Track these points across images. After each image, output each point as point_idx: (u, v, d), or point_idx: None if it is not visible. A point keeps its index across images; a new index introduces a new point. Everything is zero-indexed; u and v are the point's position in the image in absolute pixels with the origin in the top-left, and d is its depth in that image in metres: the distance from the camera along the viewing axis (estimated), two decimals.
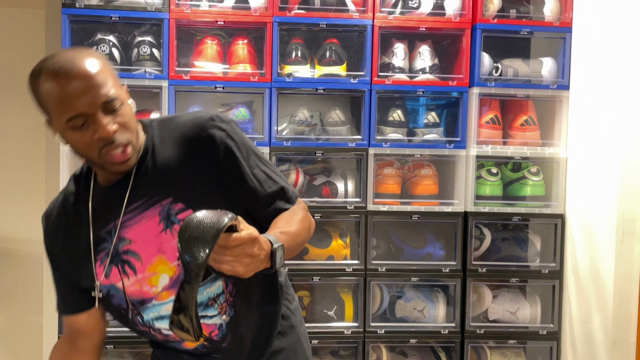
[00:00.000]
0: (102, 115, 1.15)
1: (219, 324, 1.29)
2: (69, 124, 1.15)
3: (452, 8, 2.39)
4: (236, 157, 1.26)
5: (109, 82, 1.17)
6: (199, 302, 1.25)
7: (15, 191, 3.14)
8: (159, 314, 1.29)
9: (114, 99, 1.17)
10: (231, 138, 1.27)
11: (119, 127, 1.18)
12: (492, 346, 2.44)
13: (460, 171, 2.40)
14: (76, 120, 1.15)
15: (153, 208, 1.26)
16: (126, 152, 1.20)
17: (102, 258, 1.29)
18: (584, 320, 2.28)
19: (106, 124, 1.15)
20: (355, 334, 2.37)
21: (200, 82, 2.32)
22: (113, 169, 1.23)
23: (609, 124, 2.16)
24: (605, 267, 2.15)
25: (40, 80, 1.16)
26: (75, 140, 1.18)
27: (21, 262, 3.16)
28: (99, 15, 2.29)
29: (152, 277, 1.27)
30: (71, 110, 1.14)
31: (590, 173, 2.27)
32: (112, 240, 1.27)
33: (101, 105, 1.15)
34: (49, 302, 2.54)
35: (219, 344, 1.31)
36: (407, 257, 2.44)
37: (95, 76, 1.15)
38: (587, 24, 2.32)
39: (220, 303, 1.28)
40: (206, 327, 1.28)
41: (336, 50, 2.37)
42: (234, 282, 1.29)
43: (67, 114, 1.14)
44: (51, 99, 1.15)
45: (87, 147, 1.19)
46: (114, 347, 2.29)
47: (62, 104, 1.14)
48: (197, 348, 1.32)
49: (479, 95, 2.37)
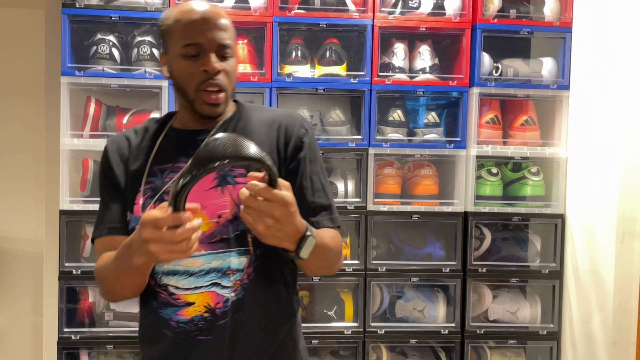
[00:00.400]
0: (213, 55, 1.29)
1: (227, 297, 1.29)
2: (183, 49, 1.28)
3: (452, 8, 2.39)
4: (304, 154, 1.35)
5: (231, 35, 1.32)
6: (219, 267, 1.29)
7: (16, 191, 3.14)
8: (173, 269, 1.30)
9: (229, 48, 1.31)
10: (309, 138, 1.37)
11: (223, 70, 1.30)
12: (492, 346, 2.44)
13: (460, 171, 2.40)
14: (191, 49, 1.28)
15: None
16: (219, 96, 1.30)
17: (146, 190, 1.32)
18: (584, 320, 2.28)
19: (214, 61, 1.28)
20: (355, 334, 2.37)
21: None
22: (200, 109, 1.31)
23: (609, 124, 2.16)
24: (605, 267, 2.15)
25: (178, 8, 1.32)
26: (182, 68, 1.30)
27: (21, 262, 3.16)
28: (99, 15, 2.29)
29: None
30: (191, 38, 1.28)
31: (590, 173, 2.26)
32: (163, 178, 1.32)
33: (217, 46, 1.29)
34: (49, 302, 2.53)
35: (216, 320, 1.29)
36: (407, 257, 2.44)
37: (223, 23, 1.31)
38: (587, 24, 2.32)
39: (235, 279, 1.29)
40: (215, 296, 1.28)
41: (336, 50, 2.37)
42: (255, 268, 1.30)
43: (187, 39, 1.28)
44: (180, 23, 1.29)
45: (189, 77, 1.29)
46: (114, 347, 2.29)
47: (187, 29, 1.28)
48: (194, 319, 1.30)
49: (479, 95, 2.37)
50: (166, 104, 2.29)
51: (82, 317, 2.32)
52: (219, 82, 1.29)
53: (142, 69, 2.30)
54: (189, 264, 1.29)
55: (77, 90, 2.33)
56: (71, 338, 2.26)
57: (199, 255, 1.28)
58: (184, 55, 1.29)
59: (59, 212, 2.27)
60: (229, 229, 1.29)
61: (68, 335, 2.27)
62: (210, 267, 1.29)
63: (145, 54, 2.30)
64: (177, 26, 1.30)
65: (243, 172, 1.30)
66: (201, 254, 1.28)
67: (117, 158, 1.38)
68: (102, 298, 1.40)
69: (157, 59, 2.31)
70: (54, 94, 2.41)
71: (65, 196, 2.27)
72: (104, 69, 2.29)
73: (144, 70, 2.29)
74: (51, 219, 2.51)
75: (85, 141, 2.29)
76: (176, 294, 1.30)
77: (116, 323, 2.31)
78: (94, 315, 2.34)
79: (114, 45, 2.32)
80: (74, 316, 2.32)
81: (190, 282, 1.29)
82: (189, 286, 1.29)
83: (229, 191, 1.29)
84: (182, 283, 1.30)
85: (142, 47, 2.31)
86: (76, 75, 2.26)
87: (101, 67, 2.28)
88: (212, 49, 1.28)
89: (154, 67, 2.31)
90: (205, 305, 1.29)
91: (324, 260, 1.29)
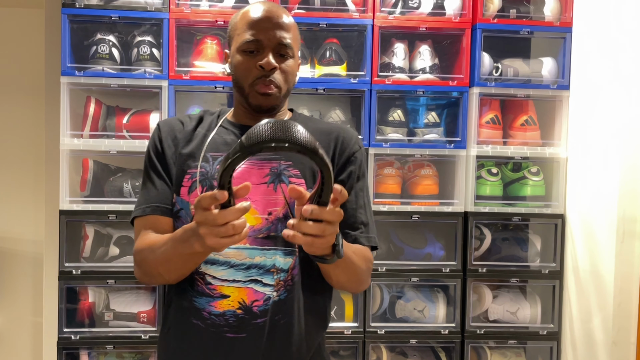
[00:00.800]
0: (271, 52, 1.32)
1: (268, 296, 1.28)
2: (244, 44, 1.32)
3: (452, 8, 2.39)
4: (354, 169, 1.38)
5: (293, 37, 1.36)
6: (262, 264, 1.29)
7: (16, 191, 3.14)
8: (214, 257, 1.29)
9: (289, 48, 1.34)
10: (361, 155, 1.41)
11: (279, 69, 1.33)
12: (492, 346, 2.44)
13: (460, 171, 2.40)
14: (250, 44, 1.32)
15: (270, 162, 1.33)
16: (272, 87, 1.32)
17: (194, 174, 1.33)
18: (584, 320, 2.28)
19: (271, 59, 1.31)
20: (355, 334, 2.37)
21: (200, 82, 2.32)
22: (254, 100, 1.34)
23: (609, 124, 2.16)
24: (605, 267, 2.15)
25: (247, 8, 1.37)
26: (240, 62, 1.34)
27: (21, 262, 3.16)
28: (99, 15, 2.29)
29: None
30: (253, 34, 1.32)
31: (590, 173, 2.26)
32: (214, 165, 1.33)
33: (276, 44, 1.32)
34: (48, 302, 2.53)
35: (252, 319, 1.28)
36: (407, 257, 2.44)
37: (287, 24, 1.34)
38: (587, 24, 2.32)
39: (279, 278, 1.29)
40: (253, 293, 1.28)
41: (336, 50, 2.37)
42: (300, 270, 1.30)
43: (248, 34, 1.32)
44: (245, 19, 1.34)
45: (246, 71, 1.33)
46: (114, 347, 2.29)
47: (249, 25, 1.33)
48: (226, 313, 1.28)
49: (479, 95, 2.37)
50: (166, 104, 2.29)
51: (82, 317, 2.32)
52: (274, 79, 1.32)
53: (142, 69, 2.30)
54: (231, 255, 1.28)
55: (77, 90, 2.33)
56: (71, 338, 2.26)
57: (243, 247, 1.28)
58: (243, 50, 1.33)
59: (59, 212, 2.27)
60: (277, 227, 1.29)
61: (68, 336, 2.27)
62: (252, 262, 1.28)
63: (145, 54, 2.30)
64: (241, 23, 1.35)
65: (298, 172, 1.32)
66: (245, 247, 1.28)
67: (170, 139, 1.38)
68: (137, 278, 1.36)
69: (157, 59, 2.31)
70: (54, 94, 2.41)
71: (65, 196, 2.27)
72: (104, 69, 2.29)
73: (144, 70, 2.29)
74: (51, 219, 2.51)
75: (85, 141, 2.29)
76: (212, 284, 1.29)
77: (116, 323, 2.32)
78: (94, 315, 2.34)
79: (114, 45, 2.32)
80: (74, 316, 2.32)
81: (229, 273, 1.28)
82: (227, 278, 1.29)
83: (282, 190, 1.30)
84: (221, 274, 1.29)
85: (142, 47, 2.31)
86: (76, 75, 2.26)
87: (101, 67, 2.28)
88: (270, 47, 1.32)
89: (154, 67, 2.31)
90: (239, 302, 1.28)
91: (348, 273, 1.28)
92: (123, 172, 2.39)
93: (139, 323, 2.31)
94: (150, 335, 2.28)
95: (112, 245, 2.32)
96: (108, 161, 2.41)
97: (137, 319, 2.30)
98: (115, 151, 2.29)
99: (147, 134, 2.31)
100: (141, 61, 2.31)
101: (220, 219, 1.01)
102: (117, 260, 2.31)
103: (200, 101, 2.53)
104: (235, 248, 1.27)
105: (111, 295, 2.34)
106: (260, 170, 1.32)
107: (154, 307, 2.31)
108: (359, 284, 1.35)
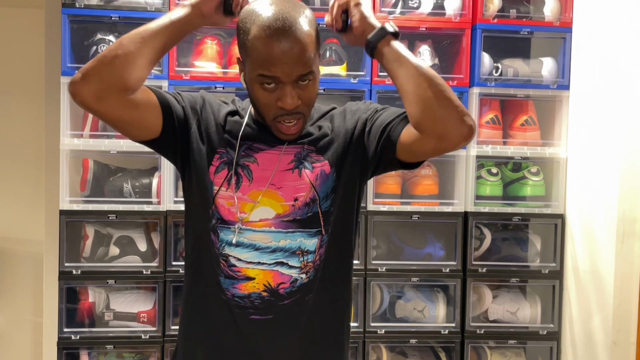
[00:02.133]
0: (291, 87, 1.21)
1: (295, 278, 1.29)
2: (259, 78, 1.22)
3: (452, 8, 2.39)
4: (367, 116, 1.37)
5: (312, 55, 1.23)
6: (287, 247, 1.29)
7: (16, 191, 3.15)
8: (240, 240, 1.29)
9: (310, 74, 1.23)
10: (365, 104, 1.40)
11: (301, 103, 1.24)
12: (492, 346, 2.44)
13: (460, 171, 2.40)
14: (267, 80, 1.21)
15: (294, 147, 1.32)
16: (298, 126, 1.27)
17: (223, 154, 1.32)
18: (584, 320, 2.28)
19: (292, 97, 1.21)
20: (355, 334, 2.36)
21: (200, 82, 2.32)
22: (277, 135, 1.29)
23: (609, 124, 2.16)
24: (605, 267, 2.15)
25: (254, 29, 1.20)
26: (258, 95, 1.24)
27: (21, 262, 3.16)
28: (99, 15, 2.28)
29: (248, 203, 1.29)
30: (267, 70, 1.20)
31: (590, 173, 2.26)
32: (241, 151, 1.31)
33: (296, 78, 1.21)
34: (49, 302, 2.54)
35: (278, 300, 1.29)
36: (407, 257, 2.44)
37: (304, 49, 1.20)
38: (587, 24, 2.32)
39: (306, 260, 1.30)
40: (279, 276, 1.28)
41: (336, 50, 2.37)
42: (327, 249, 1.31)
43: (262, 71, 1.20)
44: (255, 50, 1.20)
45: (266, 106, 1.25)
46: (114, 347, 2.29)
47: (263, 61, 1.19)
48: (252, 295, 1.29)
49: (479, 95, 2.37)
50: None
51: (82, 317, 2.32)
52: (296, 114, 1.26)
53: None
54: (256, 239, 1.29)
55: None
56: (71, 338, 2.26)
57: (268, 230, 1.29)
58: (260, 82, 1.22)
59: (59, 212, 2.27)
60: (303, 211, 1.30)
61: (68, 336, 2.26)
62: (277, 245, 1.29)
63: None
64: (253, 49, 1.20)
65: (320, 157, 1.32)
66: (271, 230, 1.29)
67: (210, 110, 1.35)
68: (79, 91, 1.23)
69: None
70: (54, 94, 2.41)
71: (65, 196, 2.27)
72: None
73: None
74: (51, 219, 2.51)
75: (85, 141, 2.29)
76: (237, 266, 1.29)
77: (116, 323, 2.31)
78: (94, 315, 2.34)
79: None
80: (74, 316, 2.32)
81: (255, 256, 1.29)
82: (253, 260, 1.29)
83: (306, 175, 1.30)
84: (246, 256, 1.29)
85: None
86: None
87: None
88: (289, 81, 1.21)
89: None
90: (265, 284, 1.29)
91: (413, 79, 1.21)
92: (123, 172, 2.39)
93: (139, 323, 2.31)
94: (150, 335, 2.28)
95: (112, 245, 2.32)
96: (108, 161, 2.41)
97: (137, 319, 2.30)
98: (115, 151, 2.28)
99: None
100: None
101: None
102: (117, 260, 2.31)
103: None
104: (260, 231, 1.28)
105: (111, 295, 2.34)
106: (286, 155, 1.32)
107: (154, 307, 2.31)
108: (440, 102, 1.18)
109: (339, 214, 1.33)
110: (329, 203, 1.31)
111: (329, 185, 1.32)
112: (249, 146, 1.32)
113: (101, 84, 1.18)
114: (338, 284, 1.36)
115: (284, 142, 1.32)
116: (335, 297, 1.36)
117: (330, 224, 1.31)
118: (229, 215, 1.29)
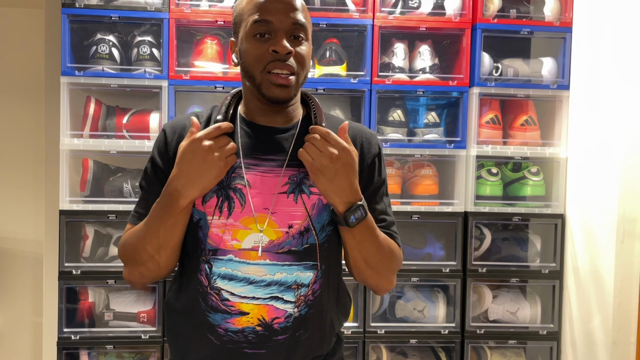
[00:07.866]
0: (285, 36, 1.21)
1: (290, 313, 1.24)
2: (253, 27, 1.21)
3: (452, 8, 2.39)
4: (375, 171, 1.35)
5: (306, 17, 1.25)
6: (283, 280, 1.25)
7: (16, 191, 3.15)
8: (232, 273, 1.23)
9: (304, 28, 1.23)
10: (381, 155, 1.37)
11: (294, 53, 1.22)
12: (492, 346, 2.44)
13: (460, 171, 2.40)
14: (261, 26, 1.21)
15: (290, 169, 1.27)
16: (289, 79, 1.22)
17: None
18: (584, 320, 2.28)
19: (286, 44, 1.20)
20: (355, 334, 2.37)
21: (200, 82, 2.32)
22: (268, 92, 1.23)
23: (609, 124, 2.16)
24: (605, 267, 2.15)
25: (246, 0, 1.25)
26: (250, 48, 1.22)
27: (21, 262, 3.16)
28: (98, 15, 2.29)
29: (240, 230, 1.24)
30: (263, 14, 1.21)
31: (590, 173, 2.26)
32: (231, 173, 1.25)
33: (290, 25, 1.21)
34: (48, 302, 2.54)
35: (272, 335, 1.24)
36: (407, 257, 2.44)
37: (300, 4, 1.24)
38: (587, 24, 2.32)
39: (300, 294, 1.25)
40: (273, 310, 1.23)
41: (336, 50, 2.37)
42: (321, 285, 1.27)
43: (258, 15, 1.21)
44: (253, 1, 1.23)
45: (257, 59, 1.22)
46: (114, 347, 2.29)
47: (258, 8, 1.22)
48: (245, 330, 1.23)
49: (479, 95, 2.37)
50: (166, 104, 2.29)
51: (82, 317, 2.32)
52: (289, 64, 1.21)
53: (142, 69, 2.29)
54: (250, 272, 1.23)
55: (77, 90, 2.33)
56: (71, 338, 2.26)
57: (263, 263, 1.23)
58: (253, 34, 1.22)
59: (59, 212, 2.27)
60: (298, 241, 1.24)
61: (68, 336, 2.27)
62: (272, 279, 1.23)
63: (145, 54, 2.30)
64: (249, 6, 1.24)
65: None
66: (265, 263, 1.23)
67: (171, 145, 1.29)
68: (128, 280, 1.30)
69: (157, 59, 2.31)
70: (53, 94, 2.41)
71: (65, 196, 2.27)
72: (104, 69, 2.29)
73: (143, 70, 2.29)
74: (51, 219, 2.51)
75: (85, 141, 2.29)
76: (230, 301, 1.23)
77: (116, 323, 2.32)
78: (94, 315, 2.34)
79: (113, 45, 2.32)
80: (74, 316, 2.32)
81: (249, 290, 1.23)
82: (247, 294, 1.23)
83: (302, 201, 1.25)
84: (239, 290, 1.23)
85: (142, 47, 2.31)
86: (76, 75, 2.26)
87: (101, 67, 2.28)
88: (284, 29, 1.21)
89: (154, 67, 2.31)
90: (259, 319, 1.23)
91: (372, 255, 1.27)
92: (123, 172, 2.39)
93: (139, 323, 2.31)
94: (150, 335, 2.28)
95: (112, 245, 2.33)
96: (108, 161, 2.41)
97: (137, 319, 2.31)
98: (115, 151, 2.29)
99: (147, 134, 2.31)
100: (141, 61, 2.31)
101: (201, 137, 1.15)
102: (117, 260, 2.31)
103: (200, 101, 2.53)
104: (254, 264, 1.23)
105: (111, 295, 2.34)
106: (280, 178, 1.25)
107: (154, 307, 2.31)
108: (382, 277, 1.32)
109: (332, 247, 1.30)
110: (324, 235, 1.27)
111: (324, 218, 1.27)
112: (246, 165, 1.26)
113: (150, 280, 1.31)
114: (328, 321, 1.32)
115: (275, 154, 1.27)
116: (326, 333, 1.31)
117: (325, 258, 1.27)
118: (220, 244, 1.24)
